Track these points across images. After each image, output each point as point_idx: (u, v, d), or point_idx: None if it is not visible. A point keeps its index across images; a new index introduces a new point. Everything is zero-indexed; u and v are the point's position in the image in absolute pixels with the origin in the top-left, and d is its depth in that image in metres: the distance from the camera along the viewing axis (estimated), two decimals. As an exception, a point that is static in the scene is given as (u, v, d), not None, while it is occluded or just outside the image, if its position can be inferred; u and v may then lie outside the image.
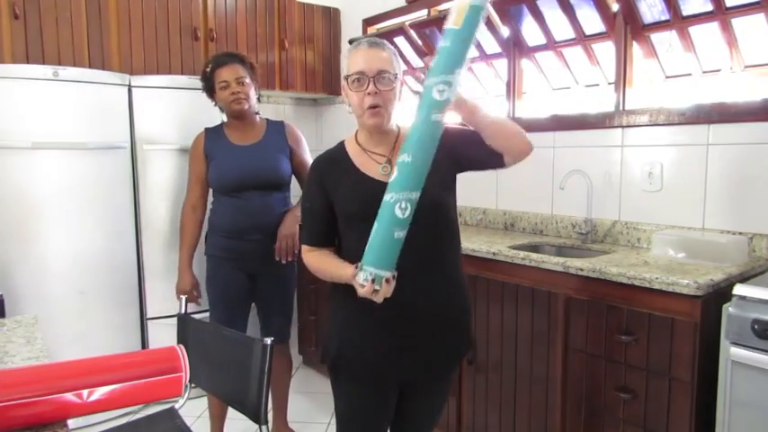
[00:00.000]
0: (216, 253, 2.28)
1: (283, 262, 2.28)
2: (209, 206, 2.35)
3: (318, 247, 1.50)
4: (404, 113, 1.50)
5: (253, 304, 2.39)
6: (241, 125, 2.28)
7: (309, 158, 2.42)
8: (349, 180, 1.44)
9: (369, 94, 1.38)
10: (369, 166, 1.46)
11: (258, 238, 2.23)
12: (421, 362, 1.49)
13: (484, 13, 1.26)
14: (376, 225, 1.27)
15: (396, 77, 1.42)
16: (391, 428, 1.65)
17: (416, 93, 1.31)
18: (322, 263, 1.47)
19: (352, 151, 1.49)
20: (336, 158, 1.49)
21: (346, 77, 1.42)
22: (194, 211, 2.32)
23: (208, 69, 2.27)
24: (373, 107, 1.39)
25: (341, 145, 1.53)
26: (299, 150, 2.38)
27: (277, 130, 2.35)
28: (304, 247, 1.52)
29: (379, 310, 1.41)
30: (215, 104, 2.34)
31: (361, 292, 1.28)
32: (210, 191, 2.33)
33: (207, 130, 2.32)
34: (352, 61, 1.42)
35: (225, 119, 2.37)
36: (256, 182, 2.21)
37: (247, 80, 2.23)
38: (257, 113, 2.34)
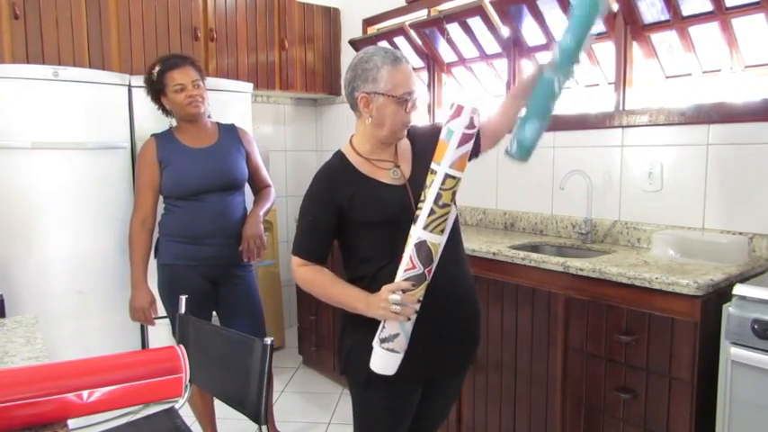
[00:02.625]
0: (174, 261, 2.18)
1: (252, 262, 2.27)
2: (159, 212, 2.26)
3: (313, 263, 1.47)
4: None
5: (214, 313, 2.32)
6: (194, 129, 2.22)
7: (261, 161, 2.42)
8: (364, 189, 1.43)
9: (409, 113, 1.42)
10: (377, 173, 1.46)
11: (221, 242, 2.18)
12: (443, 359, 1.51)
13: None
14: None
15: None
16: None
17: None
18: (324, 283, 1.44)
19: (356, 161, 1.47)
20: (343, 170, 1.46)
21: (393, 96, 1.39)
22: (144, 224, 2.19)
23: (155, 71, 2.17)
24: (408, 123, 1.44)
25: (340, 156, 1.49)
26: (253, 153, 2.36)
27: (231, 132, 2.33)
28: (296, 260, 1.47)
29: None
30: (158, 108, 2.26)
31: (384, 315, 1.31)
32: (161, 197, 2.25)
33: (156, 136, 2.23)
34: (397, 78, 1.38)
35: (173, 123, 2.29)
36: (219, 184, 2.17)
37: (201, 83, 2.19)
38: (209, 116, 2.30)
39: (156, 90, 2.20)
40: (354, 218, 1.42)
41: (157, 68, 2.17)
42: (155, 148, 2.19)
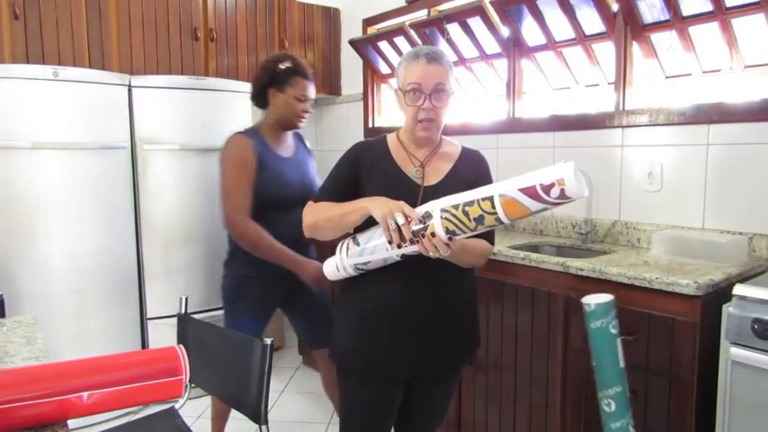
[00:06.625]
0: (254, 273, 2.08)
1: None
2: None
3: None
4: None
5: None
6: (282, 136, 2.14)
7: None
8: (384, 169, 1.50)
9: (424, 108, 1.44)
10: (405, 163, 1.52)
11: (296, 252, 2.07)
12: (426, 360, 1.51)
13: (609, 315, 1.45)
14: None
15: (450, 92, 1.46)
16: (395, 428, 1.67)
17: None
18: (327, 206, 1.48)
19: (393, 146, 1.55)
20: (377, 147, 1.55)
21: (402, 90, 1.47)
22: (252, 219, 2.01)
23: (285, 65, 2.07)
24: (425, 121, 1.45)
25: (383, 138, 1.58)
26: (314, 167, 2.31)
27: (302, 142, 2.29)
28: (310, 203, 1.54)
29: (387, 308, 1.45)
30: (254, 96, 2.14)
31: (382, 216, 1.30)
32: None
33: (247, 135, 2.07)
34: (408, 73, 1.45)
35: (257, 120, 2.19)
36: (300, 195, 2.05)
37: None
38: None
39: (273, 81, 2.09)
40: (364, 187, 1.49)
41: (289, 64, 2.08)
42: (252, 147, 2.04)
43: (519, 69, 2.72)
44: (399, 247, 1.31)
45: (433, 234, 1.26)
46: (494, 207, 1.23)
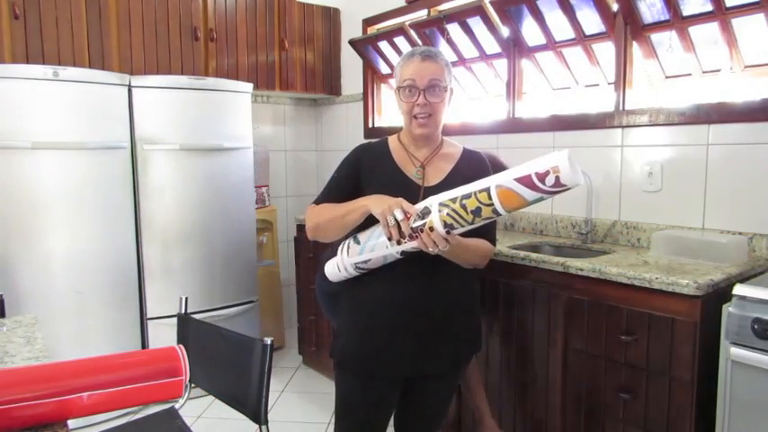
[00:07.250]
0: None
1: None
2: None
3: None
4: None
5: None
6: None
7: None
8: (385, 170, 1.52)
9: (418, 104, 1.46)
10: (405, 164, 1.54)
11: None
12: (426, 359, 1.51)
13: None
14: None
15: (446, 89, 1.49)
16: (395, 429, 1.67)
17: None
18: (329, 207, 1.50)
19: (394, 147, 1.57)
20: (378, 148, 1.58)
21: (398, 87, 1.50)
22: None
23: None
24: (421, 117, 1.47)
25: (384, 140, 1.61)
26: None
27: None
28: (312, 206, 1.56)
29: (388, 308, 1.45)
30: None
31: (381, 213, 1.32)
32: None
33: None
34: (404, 71, 1.49)
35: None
36: None
37: None
38: None
39: None
40: (365, 188, 1.50)
41: None
42: None
43: (519, 69, 2.72)
44: (399, 243, 1.31)
45: (431, 229, 1.26)
46: (490, 198, 1.23)
